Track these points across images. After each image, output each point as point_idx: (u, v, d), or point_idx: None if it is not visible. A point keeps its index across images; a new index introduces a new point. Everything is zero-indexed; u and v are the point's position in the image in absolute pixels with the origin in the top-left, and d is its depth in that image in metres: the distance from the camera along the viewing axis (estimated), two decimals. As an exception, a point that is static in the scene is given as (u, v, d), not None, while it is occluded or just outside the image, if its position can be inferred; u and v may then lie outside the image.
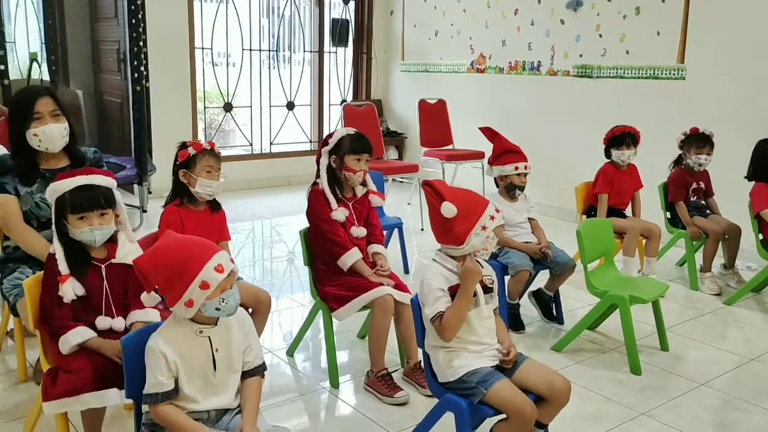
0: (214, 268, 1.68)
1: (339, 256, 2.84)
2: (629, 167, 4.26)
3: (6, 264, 2.69)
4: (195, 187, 2.71)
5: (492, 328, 2.22)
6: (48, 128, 2.57)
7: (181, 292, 1.66)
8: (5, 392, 2.78)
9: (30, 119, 2.56)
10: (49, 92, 2.66)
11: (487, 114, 6.36)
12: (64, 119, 2.63)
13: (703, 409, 2.81)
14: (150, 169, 5.55)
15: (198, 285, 1.66)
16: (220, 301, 1.71)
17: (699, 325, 3.76)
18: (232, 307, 1.74)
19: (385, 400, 2.76)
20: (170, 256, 1.71)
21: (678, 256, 4.76)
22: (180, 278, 1.67)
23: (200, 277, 1.66)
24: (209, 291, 1.67)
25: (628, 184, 4.25)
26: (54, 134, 2.58)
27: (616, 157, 4.16)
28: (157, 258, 1.72)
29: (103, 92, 6.56)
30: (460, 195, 2.19)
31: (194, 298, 1.67)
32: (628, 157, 4.15)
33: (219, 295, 1.70)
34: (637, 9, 5.39)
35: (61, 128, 2.61)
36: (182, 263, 1.68)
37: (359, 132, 2.94)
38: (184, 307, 1.69)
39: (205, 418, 1.77)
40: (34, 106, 2.56)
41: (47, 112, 2.58)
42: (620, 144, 4.15)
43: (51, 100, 2.61)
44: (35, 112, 2.56)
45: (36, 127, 2.56)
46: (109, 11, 6.11)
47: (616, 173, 4.19)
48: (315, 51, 7.75)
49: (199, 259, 1.68)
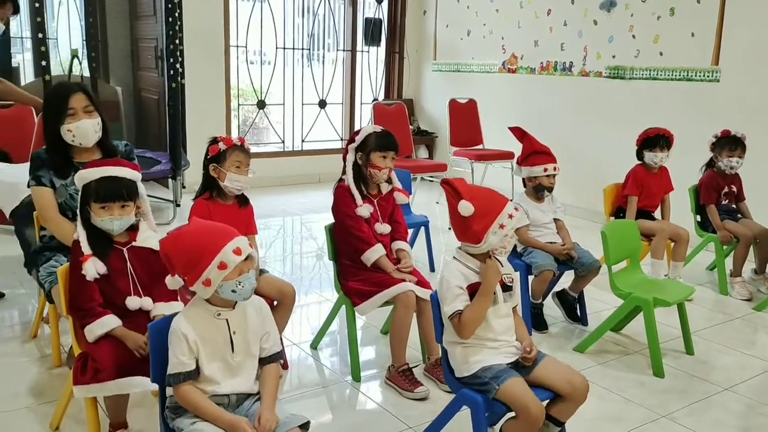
0: (233, 251, 1.76)
1: (363, 252, 2.89)
2: (660, 170, 4.22)
3: (42, 252, 2.80)
4: (224, 182, 2.78)
5: (510, 325, 2.24)
6: (81, 124, 2.64)
7: (201, 272, 1.75)
8: (40, 376, 2.90)
9: (64, 115, 2.63)
10: (82, 88, 2.72)
11: (517, 114, 6.35)
12: (96, 114, 2.70)
13: (726, 414, 2.79)
14: (184, 164, 5.67)
15: (216, 265, 1.74)
16: (236, 284, 1.78)
17: (727, 330, 3.71)
18: (247, 290, 1.81)
19: (405, 394, 2.80)
20: (193, 239, 1.80)
21: (708, 261, 4.70)
22: (200, 259, 1.75)
23: (219, 258, 1.74)
24: (227, 271, 1.75)
25: (659, 186, 4.21)
26: (87, 130, 2.66)
27: (649, 159, 4.12)
28: (180, 240, 1.81)
29: (141, 89, 6.72)
30: (478, 193, 2.21)
31: (212, 278, 1.75)
32: (660, 159, 4.10)
33: (236, 278, 1.78)
34: (672, 10, 5.33)
35: (94, 123, 2.68)
36: (203, 245, 1.77)
37: (386, 130, 2.98)
38: (202, 286, 1.77)
39: (226, 402, 1.83)
40: (67, 102, 2.63)
41: (80, 108, 2.64)
42: (654, 146, 4.11)
43: (84, 96, 2.68)
44: (69, 108, 2.62)
45: (70, 123, 2.63)
46: (148, 9, 6.26)
47: (646, 175, 4.16)
48: (348, 50, 7.82)
49: (219, 241, 1.77)
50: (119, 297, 2.23)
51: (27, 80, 6.31)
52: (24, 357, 3.07)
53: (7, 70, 5.59)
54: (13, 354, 3.10)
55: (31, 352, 3.13)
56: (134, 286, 2.25)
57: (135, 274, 2.25)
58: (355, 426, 2.63)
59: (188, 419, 1.78)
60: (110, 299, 2.21)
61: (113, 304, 2.22)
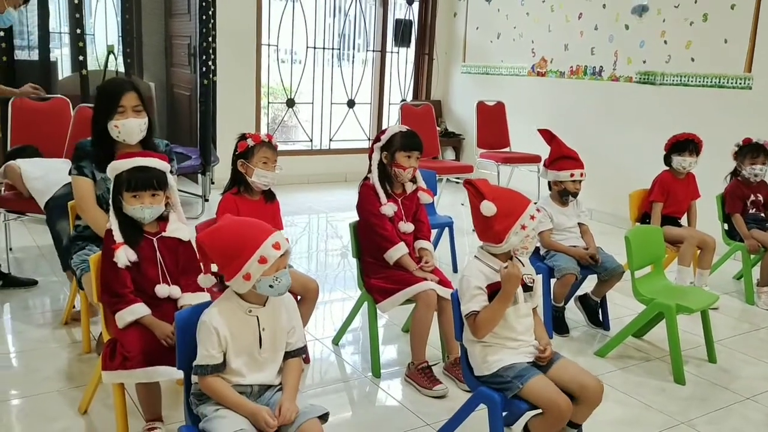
0: (272, 245, 1.80)
1: (386, 250, 2.92)
2: (687, 176, 4.18)
3: (76, 241, 2.88)
4: (252, 177, 2.83)
5: (530, 325, 2.26)
6: (129, 122, 2.70)
7: (240, 266, 1.78)
8: (71, 361, 2.99)
9: (114, 112, 2.69)
10: (134, 87, 2.78)
11: (546, 117, 6.33)
12: (144, 114, 2.76)
13: (746, 423, 2.77)
14: (213, 160, 5.77)
15: (257, 259, 1.78)
16: (274, 279, 1.82)
17: (752, 340, 3.68)
18: (284, 286, 1.85)
19: (424, 392, 2.83)
20: (231, 233, 1.84)
21: (735, 270, 4.65)
22: (240, 253, 1.79)
23: (259, 252, 1.78)
24: (266, 266, 1.79)
25: (685, 193, 4.17)
26: (133, 128, 2.72)
27: (677, 163, 4.08)
28: (219, 235, 1.85)
29: (174, 85, 6.84)
30: (501, 194, 2.24)
31: (252, 272, 1.79)
32: (689, 164, 4.07)
33: (274, 273, 1.81)
34: (705, 16, 5.28)
35: (141, 123, 2.74)
36: (242, 239, 1.81)
37: (411, 130, 3.02)
38: (242, 280, 1.80)
39: (249, 392, 1.88)
40: (119, 99, 2.69)
41: (130, 107, 2.70)
42: (683, 150, 4.07)
43: (135, 96, 2.73)
44: (119, 106, 2.69)
45: (118, 120, 2.69)
46: (182, 7, 6.38)
47: (673, 182, 4.13)
48: (377, 50, 7.87)
49: (259, 236, 1.81)
50: (149, 285, 2.29)
51: (65, 74, 6.47)
52: (55, 343, 3.17)
53: (46, 65, 5.73)
54: (44, 340, 3.20)
55: (62, 338, 3.23)
56: (163, 274, 2.31)
57: (164, 263, 2.32)
58: (373, 421, 2.68)
59: (212, 406, 1.83)
60: (140, 287, 2.28)
61: (143, 292, 2.28)
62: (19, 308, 3.57)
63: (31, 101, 4.26)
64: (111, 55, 6.10)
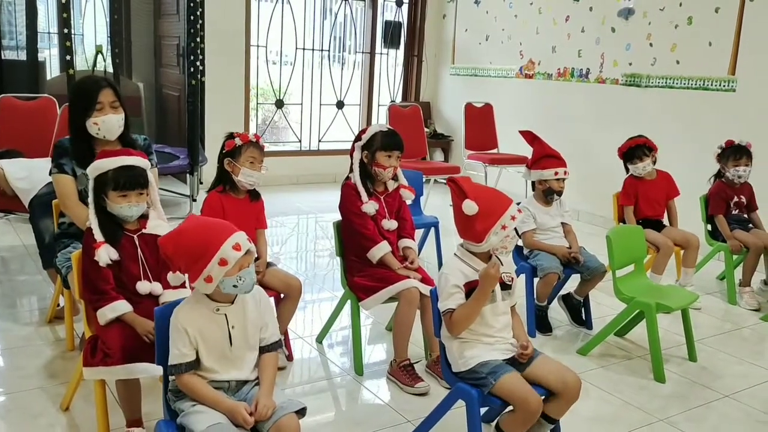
0: (232, 247, 1.81)
1: (368, 249, 2.94)
2: (660, 175, 4.21)
3: (61, 239, 2.89)
4: (238, 176, 2.86)
5: (507, 323, 2.28)
6: (108, 118, 2.73)
7: (202, 269, 1.79)
8: (55, 359, 3.00)
9: (92, 109, 2.72)
10: (110, 84, 2.82)
11: (533, 119, 6.38)
12: (121, 110, 2.80)
13: (724, 420, 2.81)
14: (201, 160, 5.77)
15: (217, 262, 1.79)
16: (237, 279, 1.83)
17: (734, 340, 3.72)
18: (248, 284, 1.87)
19: (406, 389, 2.86)
20: (192, 237, 1.84)
21: (719, 270, 4.69)
22: (201, 256, 1.80)
23: (219, 255, 1.79)
24: (227, 267, 1.80)
25: (657, 192, 4.19)
26: (112, 124, 2.75)
27: (633, 171, 4.15)
28: (179, 239, 1.86)
29: (163, 85, 6.84)
30: (483, 193, 2.26)
31: (213, 275, 1.80)
32: (643, 168, 4.11)
33: (237, 273, 1.83)
34: (690, 19, 5.33)
35: (119, 118, 2.78)
36: (203, 242, 1.82)
37: (392, 129, 3.04)
38: (204, 282, 1.82)
39: (226, 387, 1.90)
40: (96, 96, 2.72)
41: (108, 103, 2.74)
42: (632, 158, 4.14)
43: (112, 92, 2.77)
44: (97, 102, 2.72)
45: (96, 117, 2.72)
46: (171, 8, 6.39)
47: (640, 183, 4.17)
48: (367, 52, 7.90)
49: (219, 238, 1.82)
50: (130, 282, 2.31)
51: (53, 75, 6.46)
52: (39, 341, 3.17)
53: (34, 65, 5.73)
54: (29, 338, 3.20)
55: (46, 336, 3.23)
56: (144, 271, 2.33)
57: (145, 260, 2.33)
58: (355, 418, 2.69)
59: (189, 402, 1.85)
60: (121, 284, 2.30)
61: (124, 289, 2.30)
62: (4, 306, 3.57)
63: (18, 100, 4.27)
64: (99, 55, 6.11)
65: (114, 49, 6.55)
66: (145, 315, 2.24)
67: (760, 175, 4.34)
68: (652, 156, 4.13)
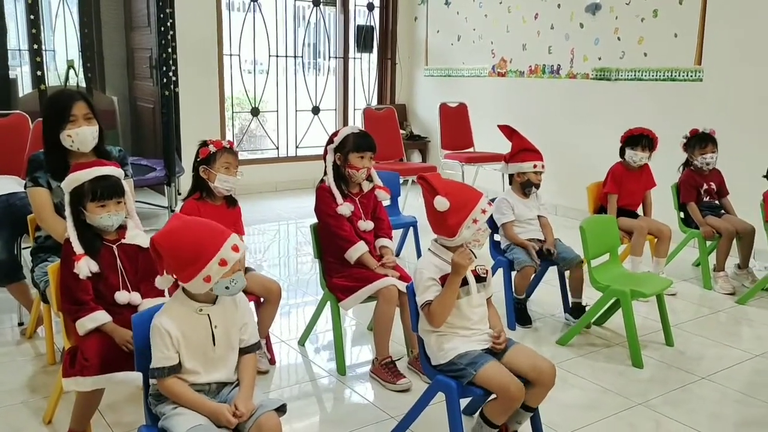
0: (231, 248, 1.84)
1: (346, 250, 2.97)
2: (642, 169, 4.27)
3: (38, 253, 2.89)
4: (214, 182, 2.87)
5: (484, 315, 2.32)
6: (81, 131, 2.74)
7: (200, 269, 1.81)
8: (36, 374, 2.99)
9: (65, 121, 2.73)
10: (83, 96, 2.84)
11: (507, 117, 6.37)
12: (95, 122, 2.81)
13: (700, 401, 2.87)
14: (178, 170, 5.76)
15: (217, 262, 1.81)
16: (230, 281, 1.86)
17: (709, 323, 3.79)
18: (239, 287, 1.90)
19: (388, 386, 2.89)
20: (190, 235, 1.86)
21: (693, 257, 4.78)
22: (200, 256, 1.81)
23: (220, 255, 1.81)
24: (226, 268, 1.82)
25: (638, 184, 4.26)
26: (86, 136, 2.76)
27: (629, 156, 4.19)
28: (175, 236, 1.87)
29: (137, 98, 6.81)
30: (453, 188, 2.29)
31: (212, 274, 1.82)
32: (640, 159, 4.16)
33: (231, 276, 1.85)
34: (655, 12, 5.43)
35: (93, 130, 2.79)
36: (201, 242, 1.84)
37: (364, 130, 3.07)
38: (202, 282, 1.83)
39: (207, 390, 1.92)
40: (70, 109, 2.73)
41: (81, 116, 2.75)
42: (636, 144, 4.17)
43: (85, 104, 2.79)
44: (71, 115, 2.73)
45: (70, 129, 2.73)
46: (142, 20, 6.37)
47: (626, 174, 4.22)
48: (340, 57, 7.93)
49: (218, 238, 1.84)
50: (109, 292, 2.31)
51: (25, 92, 6.42)
52: (20, 356, 3.16)
53: (5, 83, 5.69)
54: (9, 353, 3.19)
55: (27, 351, 3.22)
56: (123, 281, 2.34)
57: (124, 270, 2.34)
58: (339, 417, 2.72)
59: (170, 405, 1.86)
60: (100, 294, 2.30)
61: (103, 299, 2.30)
62: (-17, 325, 3.55)
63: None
64: (71, 70, 6.08)
65: (86, 63, 6.52)
66: (124, 325, 2.24)
67: (729, 161, 4.43)
68: (650, 152, 4.17)
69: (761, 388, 2.98)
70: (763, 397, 2.90)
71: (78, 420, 2.31)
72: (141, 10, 6.38)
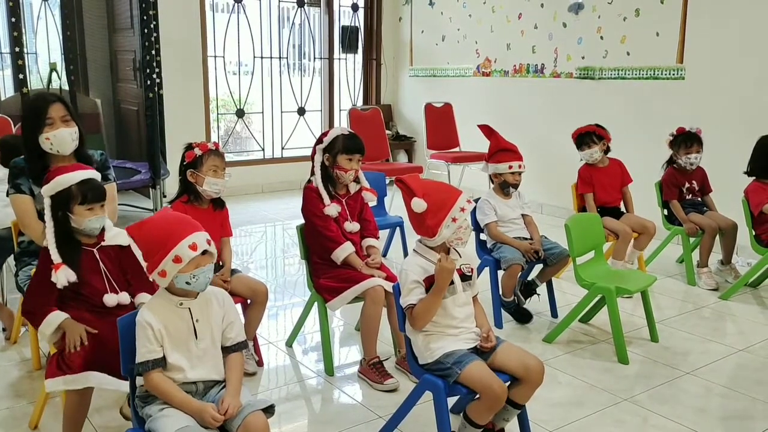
0: (188, 246, 1.85)
1: (332, 251, 2.98)
2: (611, 163, 4.33)
3: (21, 258, 2.88)
4: (203, 186, 2.87)
5: (470, 313, 2.33)
6: (59, 133, 2.72)
7: (157, 263, 1.85)
8: (22, 379, 2.97)
9: (43, 124, 2.71)
10: (60, 99, 2.81)
11: (492, 116, 6.45)
12: (74, 124, 2.78)
13: (685, 395, 2.90)
14: (163, 173, 5.74)
15: (171, 258, 1.84)
16: (190, 277, 1.87)
17: (693, 319, 3.83)
18: (201, 284, 1.91)
19: (376, 386, 2.89)
20: (155, 229, 1.90)
21: (677, 254, 4.82)
22: (159, 250, 1.85)
23: (174, 252, 1.84)
24: (181, 265, 1.85)
25: (610, 179, 4.30)
26: (65, 138, 2.74)
27: (583, 156, 4.27)
28: (144, 229, 1.92)
29: (121, 100, 6.78)
30: (431, 189, 2.29)
31: (167, 270, 1.85)
32: (590, 155, 4.22)
33: (191, 271, 1.87)
34: (637, 11, 5.48)
35: (72, 132, 2.76)
36: (162, 237, 1.87)
37: (353, 132, 3.08)
38: (158, 276, 1.87)
39: (194, 390, 1.92)
40: (46, 112, 2.71)
41: (58, 118, 2.73)
42: (581, 145, 4.26)
43: (62, 106, 2.77)
44: (47, 118, 2.71)
45: (48, 132, 2.71)
46: (125, 22, 6.34)
47: (593, 171, 4.28)
48: (325, 58, 7.93)
49: (177, 235, 1.87)
50: (95, 296, 2.31)
51: (7, 95, 6.37)
52: (5, 362, 3.13)
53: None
54: (-7, 360, 3.17)
55: (12, 357, 3.20)
56: (109, 283, 2.33)
57: (108, 272, 2.33)
58: (327, 417, 2.72)
59: (156, 406, 1.86)
60: (87, 299, 2.29)
61: (91, 304, 2.30)
62: (-33, 331, 3.52)
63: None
64: (54, 73, 6.03)
65: (69, 66, 6.46)
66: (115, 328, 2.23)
67: (711, 158, 4.47)
68: (601, 144, 4.23)
69: (744, 382, 3.02)
70: (746, 390, 2.94)
71: (69, 430, 2.28)
72: (124, 12, 6.35)
